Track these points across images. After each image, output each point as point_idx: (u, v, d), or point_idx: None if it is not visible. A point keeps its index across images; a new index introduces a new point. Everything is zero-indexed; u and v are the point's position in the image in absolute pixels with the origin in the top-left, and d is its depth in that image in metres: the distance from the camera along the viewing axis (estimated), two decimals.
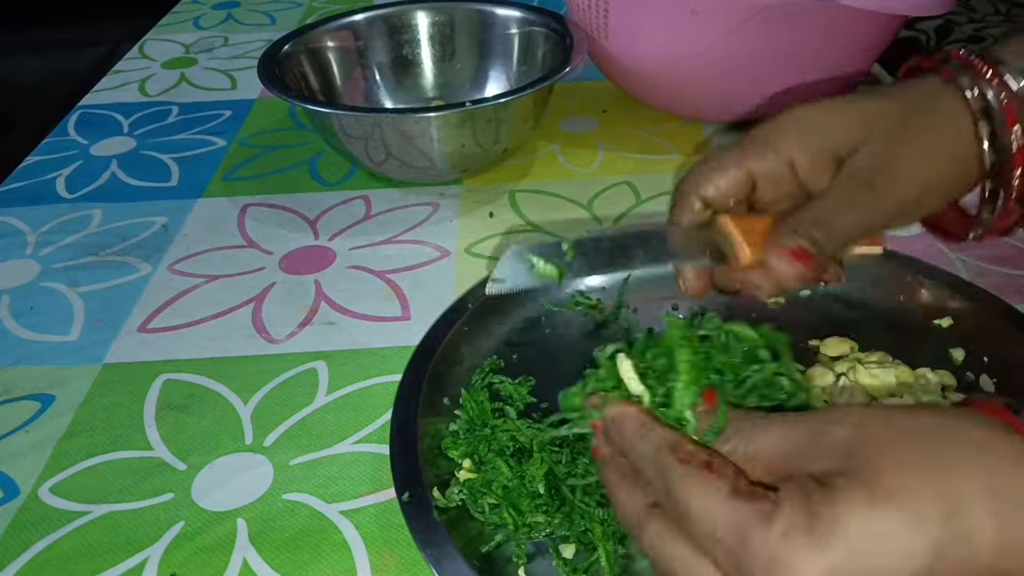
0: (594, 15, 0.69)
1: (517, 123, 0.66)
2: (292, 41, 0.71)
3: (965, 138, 0.37)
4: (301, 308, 0.55)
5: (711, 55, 0.65)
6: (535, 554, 0.38)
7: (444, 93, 0.78)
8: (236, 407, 0.48)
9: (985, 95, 0.36)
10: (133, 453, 0.45)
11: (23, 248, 0.62)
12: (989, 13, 1.22)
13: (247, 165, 0.72)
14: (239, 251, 0.61)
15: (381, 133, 0.62)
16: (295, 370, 0.50)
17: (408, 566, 0.39)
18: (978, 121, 0.36)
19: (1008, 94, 0.36)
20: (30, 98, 1.45)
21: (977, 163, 0.37)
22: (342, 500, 0.42)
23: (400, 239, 0.62)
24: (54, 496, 0.43)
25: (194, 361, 0.51)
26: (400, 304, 0.55)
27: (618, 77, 0.75)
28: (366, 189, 0.68)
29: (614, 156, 0.71)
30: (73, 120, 0.81)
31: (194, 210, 0.66)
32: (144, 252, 0.61)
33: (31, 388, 0.49)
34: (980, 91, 0.36)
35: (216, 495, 0.43)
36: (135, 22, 1.07)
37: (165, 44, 0.98)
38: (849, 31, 0.65)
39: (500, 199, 0.66)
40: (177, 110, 0.82)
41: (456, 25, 0.76)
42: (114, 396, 0.49)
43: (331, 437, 0.46)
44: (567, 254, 0.37)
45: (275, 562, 0.39)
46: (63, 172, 0.72)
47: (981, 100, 0.36)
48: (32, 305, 0.56)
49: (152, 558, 0.39)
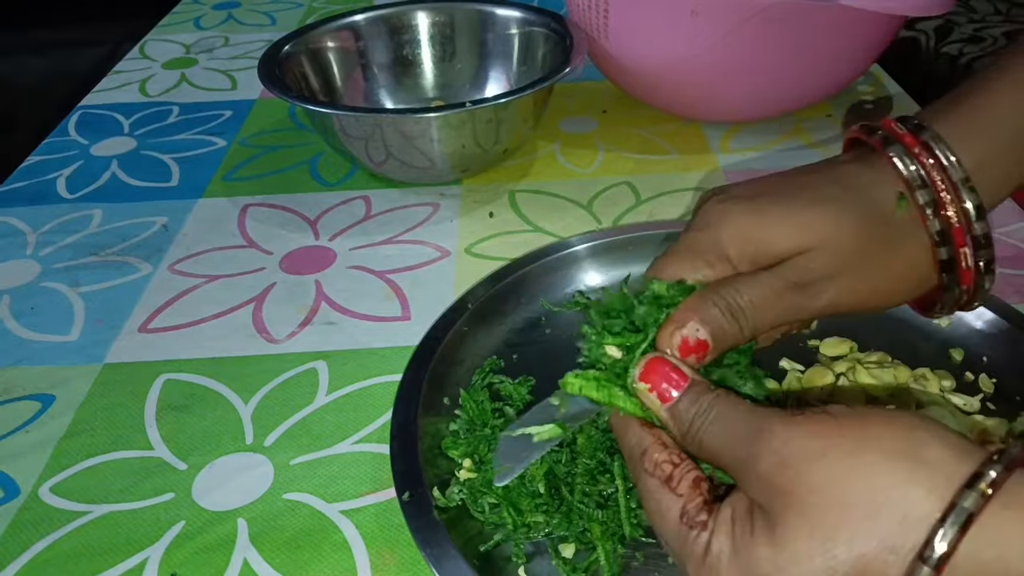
0: (594, 15, 0.69)
1: (517, 123, 0.66)
2: (292, 41, 0.71)
3: (918, 249, 0.36)
4: (301, 308, 0.55)
5: (711, 55, 0.65)
6: (534, 554, 0.38)
7: (444, 93, 0.78)
8: (236, 407, 0.48)
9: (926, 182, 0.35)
10: (133, 453, 0.45)
11: (23, 248, 0.62)
12: (989, 13, 1.22)
13: (247, 165, 0.72)
14: (239, 251, 0.61)
15: (381, 133, 0.62)
16: (295, 370, 0.50)
17: (408, 566, 0.39)
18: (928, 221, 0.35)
19: (944, 177, 0.35)
20: (30, 98, 1.45)
21: (932, 266, 0.36)
22: (342, 500, 0.42)
23: (400, 239, 0.62)
24: (54, 496, 0.43)
25: (194, 361, 0.51)
26: (400, 304, 0.55)
27: (618, 77, 0.75)
28: (366, 189, 0.68)
29: (614, 156, 0.71)
30: (74, 120, 0.81)
31: (194, 210, 0.66)
32: (144, 252, 0.61)
33: (31, 388, 0.49)
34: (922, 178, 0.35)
35: (216, 495, 0.43)
36: (135, 22, 1.07)
37: (166, 44, 0.98)
38: (849, 31, 0.65)
39: (500, 199, 0.66)
40: (177, 110, 0.82)
41: (456, 25, 0.76)
42: (114, 396, 0.49)
43: (331, 437, 0.46)
44: (560, 407, 0.37)
45: (275, 562, 0.39)
46: (64, 172, 0.72)
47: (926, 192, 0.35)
48: (33, 305, 0.56)
49: (152, 558, 0.40)
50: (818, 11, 0.61)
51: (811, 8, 0.61)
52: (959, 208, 0.35)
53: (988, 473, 0.24)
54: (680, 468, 0.30)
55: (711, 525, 0.28)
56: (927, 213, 0.35)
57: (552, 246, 0.55)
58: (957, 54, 1.12)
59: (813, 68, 0.67)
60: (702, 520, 0.29)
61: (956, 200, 0.35)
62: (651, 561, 0.37)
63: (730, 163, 0.69)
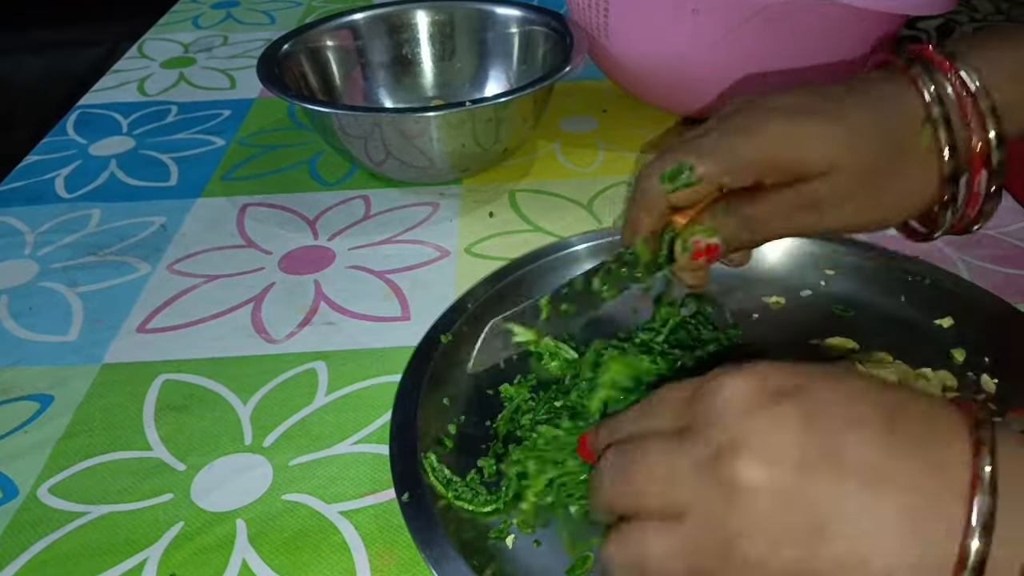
0: (594, 14, 0.68)
1: (517, 123, 0.65)
2: (291, 40, 0.70)
3: (929, 174, 0.37)
4: (301, 308, 0.55)
5: (712, 54, 0.65)
6: (535, 553, 0.38)
7: (444, 93, 0.78)
8: (235, 407, 0.47)
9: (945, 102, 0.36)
10: (132, 454, 0.45)
11: (22, 248, 0.62)
12: (990, 12, 1.22)
13: (246, 165, 0.72)
14: (238, 251, 0.61)
15: (381, 133, 0.62)
16: (295, 370, 0.50)
17: (408, 567, 0.39)
18: (940, 132, 0.36)
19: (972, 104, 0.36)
20: (29, 97, 1.45)
21: (938, 185, 0.37)
22: (342, 500, 0.42)
23: (400, 239, 0.61)
24: (53, 497, 0.43)
25: (193, 361, 0.51)
26: (400, 304, 0.55)
27: (618, 76, 0.75)
28: (366, 189, 0.68)
29: (614, 156, 0.71)
30: (72, 120, 0.81)
31: (193, 210, 0.66)
32: (143, 252, 0.61)
33: (30, 388, 0.49)
34: (941, 95, 0.36)
35: (215, 496, 0.42)
36: (134, 22, 1.06)
37: (164, 44, 0.98)
38: (849, 30, 0.65)
39: (500, 199, 0.66)
40: (176, 110, 0.82)
41: (456, 24, 0.76)
42: (113, 396, 0.49)
43: (331, 437, 0.45)
44: (543, 311, 0.41)
45: (275, 563, 0.39)
46: (62, 172, 0.72)
47: (941, 107, 0.36)
48: (31, 305, 0.56)
49: (151, 559, 0.39)
50: (819, 10, 0.61)
51: (812, 7, 0.61)
52: (983, 136, 0.36)
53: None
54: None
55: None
56: (947, 142, 0.36)
57: (552, 246, 0.55)
58: None
59: (813, 68, 0.67)
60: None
61: (980, 128, 0.36)
62: None
63: None
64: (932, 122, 0.36)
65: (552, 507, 0.39)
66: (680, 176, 0.37)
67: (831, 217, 0.37)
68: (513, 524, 0.39)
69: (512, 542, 0.38)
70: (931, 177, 0.37)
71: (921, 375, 0.45)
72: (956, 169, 0.37)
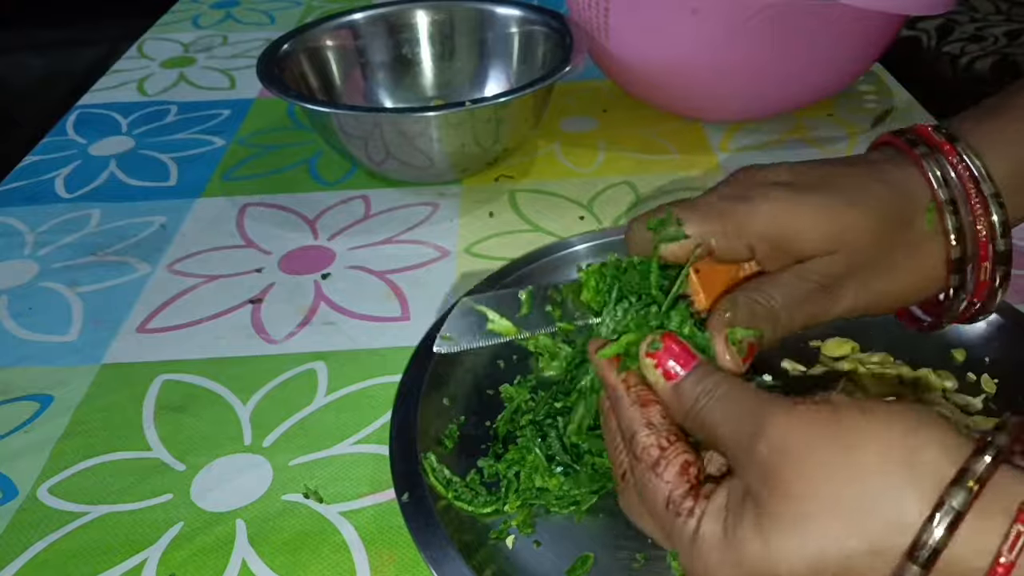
0: (594, 14, 0.68)
1: (517, 123, 0.65)
2: (291, 40, 0.70)
3: (934, 258, 0.36)
4: (300, 308, 0.55)
5: (712, 54, 0.65)
6: (534, 554, 0.38)
7: (444, 92, 0.78)
8: (235, 408, 0.47)
9: (950, 184, 0.35)
10: (132, 454, 0.45)
11: (22, 248, 0.62)
12: (990, 12, 1.22)
13: (246, 165, 0.72)
14: (238, 251, 0.61)
15: (381, 132, 0.62)
16: (294, 370, 0.50)
17: (408, 567, 0.39)
18: (946, 216, 0.35)
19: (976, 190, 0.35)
20: (29, 97, 1.45)
21: (944, 271, 0.37)
22: (341, 501, 0.42)
23: (400, 239, 0.61)
24: (53, 497, 0.43)
25: (193, 361, 0.51)
26: (400, 304, 0.55)
27: (618, 76, 0.75)
28: (366, 189, 0.68)
29: (614, 156, 0.71)
30: (72, 119, 0.81)
31: (193, 210, 0.66)
32: (143, 252, 0.61)
33: (30, 388, 0.49)
34: (946, 178, 0.35)
35: (215, 496, 0.42)
36: (134, 21, 1.07)
37: (164, 43, 0.98)
38: (849, 31, 0.65)
39: (500, 199, 0.66)
40: (176, 109, 0.82)
41: (456, 24, 0.76)
42: (113, 397, 0.48)
43: (330, 438, 0.45)
44: (524, 305, 0.38)
45: (274, 563, 0.39)
46: (62, 172, 0.72)
47: (947, 190, 0.35)
48: (31, 305, 0.56)
49: (151, 559, 0.39)
50: (819, 10, 0.61)
51: (812, 7, 0.61)
52: (987, 222, 0.35)
53: (974, 468, 0.24)
54: (668, 451, 0.30)
55: (698, 512, 0.29)
56: (953, 226, 0.35)
57: (552, 246, 0.55)
58: (958, 53, 1.12)
59: (814, 67, 0.67)
60: (687, 507, 0.29)
61: (985, 214, 0.35)
62: (651, 563, 0.37)
63: (731, 162, 0.69)
64: (937, 205, 0.35)
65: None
66: (668, 228, 0.36)
67: (843, 302, 0.36)
68: (513, 524, 0.39)
69: (512, 542, 0.38)
70: (936, 262, 0.36)
71: (922, 375, 0.45)
72: (963, 254, 0.36)
